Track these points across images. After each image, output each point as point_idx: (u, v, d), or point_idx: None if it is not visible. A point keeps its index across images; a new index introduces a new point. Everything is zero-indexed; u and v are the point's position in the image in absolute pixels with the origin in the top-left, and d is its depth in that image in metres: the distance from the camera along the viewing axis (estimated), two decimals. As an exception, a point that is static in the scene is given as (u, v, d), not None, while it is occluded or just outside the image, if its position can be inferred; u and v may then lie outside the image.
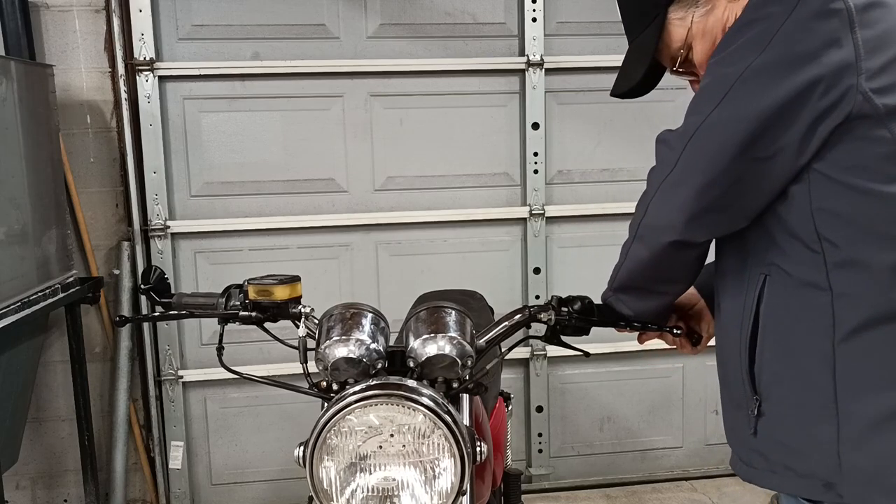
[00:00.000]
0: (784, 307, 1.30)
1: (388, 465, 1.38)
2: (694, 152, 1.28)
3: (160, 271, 1.73)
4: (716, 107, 1.25)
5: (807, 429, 1.28)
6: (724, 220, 1.32)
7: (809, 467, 1.28)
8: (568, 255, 3.65)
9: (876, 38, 1.21)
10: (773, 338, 1.32)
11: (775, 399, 1.32)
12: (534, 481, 3.75)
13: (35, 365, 3.27)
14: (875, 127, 1.21)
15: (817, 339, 1.27)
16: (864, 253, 1.24)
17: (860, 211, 1.23)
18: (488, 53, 3.51)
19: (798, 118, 1.21)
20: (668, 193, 1.32)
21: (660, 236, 1.35)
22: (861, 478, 1.24)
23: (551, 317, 1.61)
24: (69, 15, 3.30)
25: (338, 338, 1.46)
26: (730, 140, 1.24)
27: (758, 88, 1.22)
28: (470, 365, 1.47)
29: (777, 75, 1.21)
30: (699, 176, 1.28)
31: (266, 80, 3.40)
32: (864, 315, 1.23)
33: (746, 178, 1.26)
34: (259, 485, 3.62)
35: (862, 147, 1.22)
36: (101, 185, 3.41)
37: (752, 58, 1.23)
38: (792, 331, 1.30)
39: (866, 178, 1.22)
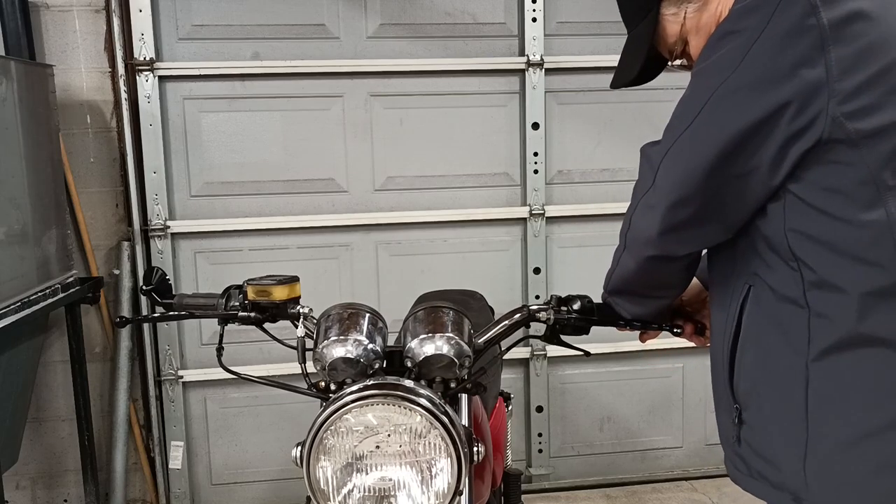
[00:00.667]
0: (765, 319, 1.31)
1: (385, 465, 1.38)
2: (669, 168, 1.28)
3: (162, 272, 1.73)
4: (689, 125, 1.25)
5: (779, 442, 1.29)
6: (701, 234, 1.32)
7: (781, 480, 1.29)
8: (568, 255, 3.65)
9: (853, 56, 1.17)
10: (753, 349, 1.33)
11: (753, 409, 1.33)
12: (534, 481, 3.75)
13: (35, 365, 3.27)
14: (847, 152, 1.18)
15: (793, 355, 1.26)
16: (836, 276, 1.22)
17: (833, 235, 1.21)
18: (488, 53, 3.51)
19: (770, 139, 1.20)
20: (645, 208, 1.32)
21: (641, 250, 1.37)
22: (824, 497, 1.25)
23: (550, 316, 1.61)
24: (69, 15, 3.30)
25: (335, 338, 1.46)
26: (703, 158, 1.23)
27: (731, 107, 1.21)
28: (468, 365, 1.47)
29: (749, 95, 1.19)
30: (674, 192, 1.27)
31: (266, 80, 3.40)
32: (837, 337, 1.22)
33: (722, 195, 1.26)
34: (259, 485, 3.62)
35: (835, 171, 1.19)
36: (101, 185, 3.42)
37: (727, 74, 1.22)
38: (770, 344, 1.30)
39: (839, 203, 1.20)
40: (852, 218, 1.20)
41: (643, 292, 1.49)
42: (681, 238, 1.32)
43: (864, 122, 1.17)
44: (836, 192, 1.20)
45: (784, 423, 1.28)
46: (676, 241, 1.32)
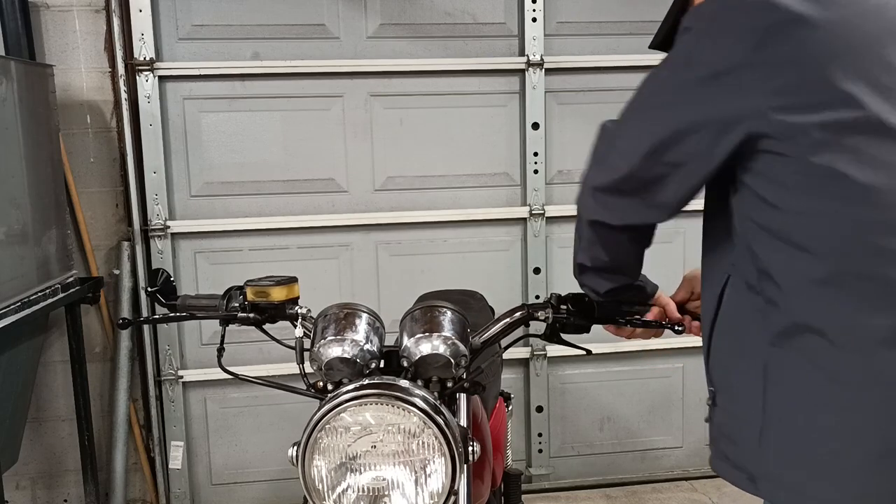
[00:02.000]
0: (735, 306, 1.37)
1: (380, 464, 1.38)
2: (617, 145, 1.39)
3: (167, 274, 1.75)
4: (636, 110, 1.39)
5: (741, 424, 1.36)
6: (630, 208, 1.41)
7: (740, 460, 1.36)
8: (568, 255, 3.59)
9: (788, 56, 1.21)
10: (725, 334, 1.40)
11: (723, 392, 1.41)
12: (534, 481, 3.75)
13: (35, 365, 3.28)
14: (780, 145, 1.23)
15: (754, 341, 1.33)
16: (777, 265, 1.28)
17: (773, 223, 1.27)
18: (488, 53, 3.51)
19: (704, 132, 1.27)
20: (590, 177, 1.46)
21: (583, 213, 1.49)
22: (777, 479, 1.30)
23: (549, 315, 1.61)
24: (69, 15, 3.30)
25: (332, 338, 1.46)
26: (643, 141, 1.34)
27: (672, 99, 1.32)
28: (464, 364, 1.47)
29: (689, 88, 1.29)
30: (616, 170, 1.38)
31: (266, 80, 3.40)
32: (783, 324, 1.28)
33: (653, 177, 1.35)
34: (259, 485, 3.62)
35: (773, 162, 1.25)
36: (101, 185, 3.42)
37: (672, 67, 1.33)
38: (738, 329, 1.37)
39: (778, 193, 1.26)
40: (788, 207, 1.25)
41: (603, 266, 1.53)
42: (608, 206, 1.43)
43: (794, 118, 1.21)
44: (774, 182, 1.26)
45: (745, 405, 1.35)
46: (606, 209, 1.43)
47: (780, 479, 1.30)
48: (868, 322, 1.21)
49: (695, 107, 1.28)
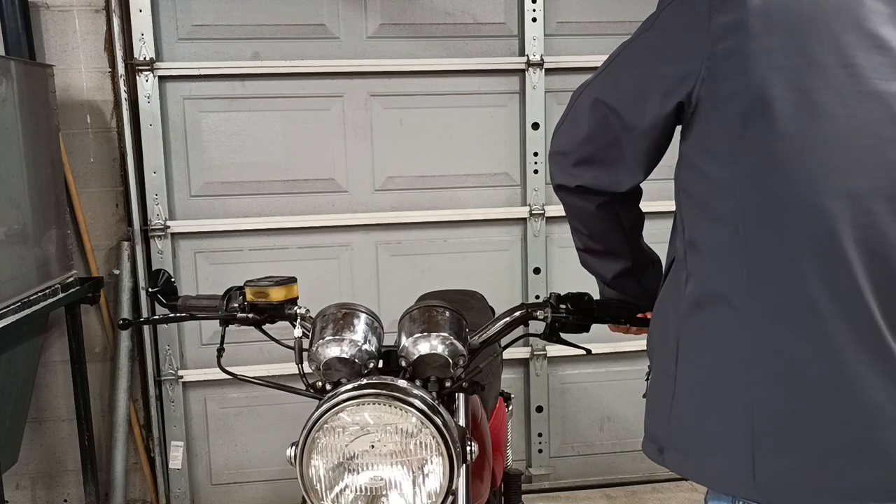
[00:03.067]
0: (667, 284, 1.42)
1: (377, 464, 1.38)
2: (577, 109, 1.44)
3: (167, 275, 1.75)
4: (600, 73, 1.41)
5: (656, 397, 1.39)
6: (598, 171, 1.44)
7: (654, 431, 1.39)
8: (568, 255, 3.63)
9: (730, 24, 1.23)
10: (657, 311, 1.45)
11: (653, 368, 1.44)
12: (534, 481, 3.75)
13: (35, 365, 3.28)
14: (712, 111, 1.26)
15: (672, 315, 1.36)
16: (699, 233, 1.32)
17: (699, 191, 1.31)
18: (488, 53, 3.51)
19: (652, 92, 1.32)
20: (552, 142, 1.52)
21: (552, 182, 1.54)
22: (678, 447, 1.31)
23: (548, 314, 1.61)
24: (69, 15, 3.30)
25: (330, 337, 1.46)
26: (603, 104, 1.38)
27: (629, 62, 1.37)
28: (463, 364, 1.47)
29: (640, 53, 1.35)
30: (577, 130, 1.44)
31: (266, 80, 3.40)
32: (699, 293, 1.30)
33: (615, 139, 1.39)
34: (259, 485, 3.62)
35: (704, 130, 1.28)
36: (101, 185, 3.42)
37: (640, 33, 1.37)
38: (663, 305, 1.41)
39: (706, 160, 1.29)
40: (711, 174, 1.28)
41: (592, 248, 1.59)
42: (564, 168, 1.48)
43: (725, 85, 1.24)
44: (704, 150, 1.29)
45: (662, 378, 1.37)
46: (563, 171, 1.49)
47: (683, 449, 1.31)
48: (764, 291, 1.23)
49: (649, 66, 1.33)
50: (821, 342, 1.20)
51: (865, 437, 1.19)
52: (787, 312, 1.21)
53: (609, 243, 1.56)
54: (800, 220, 1.21)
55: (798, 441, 1.20)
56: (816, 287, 1.20)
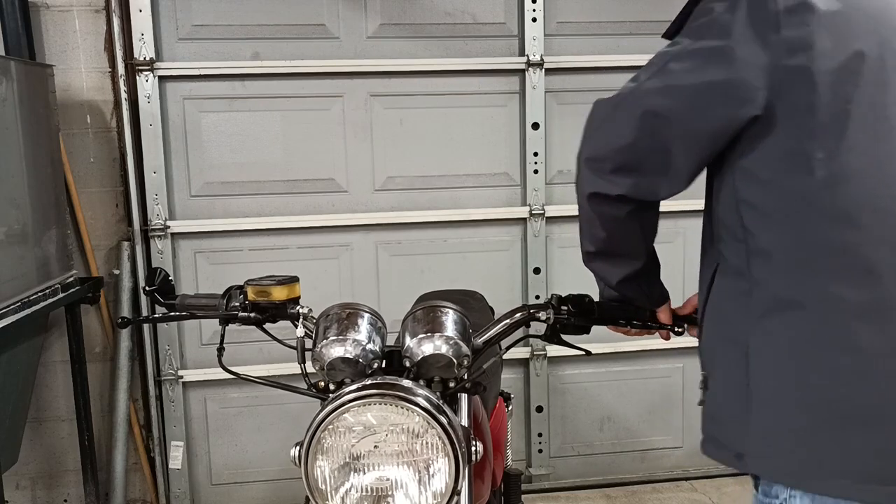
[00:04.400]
0: (720, 293, 1.44)
1: (383, 464, 1.38)
2: (621, 114, 1.38)
3: (165, 273, 1.74)
4: (649, 77, 1.35)
5: (727, 404, 1.41)
6: (639, 180, 1.39)
7: (727, 438, 1.40)
8: (568, 255, 3.64)
9: (797, 40, 1.28)
10: (712, 320, 1.46)
11: (712, 375, 1.46)
12: (534, 481, 3.75)
13: (35, 365, 3.27)
14: (784, 123, 1.29)
15: (738, 324, 1.38)
16: (770, 241, 1.34)
17: (771, 202, 1.33)
18: (488, 53, 3.52)
19: (716, 101, 1.31)
20: (585, 149, 1.46)
21: (584, 187, 1.47)
22: (763, 452, 1.34)
23: (550, 315, 1.61)
24: (69, 15, 3.30)
25: (334, 337, 1.46)
26: (655, 113, 1.33)
27: (687, 70, 1.32)
28: (466, 364, 1.47)
29: (703, 61, 1.31)
30: (617, 137, 1.38)
31: (266, 80, 3.40)
32: (771, 302, 1.34)
33: (660, 146, 1.35)
34: (259, 485, 3.62)
35: (774, 141, 1.31)
36: (101, 185, 3.42)
37: (691, 41, 1.34)
38: (723, 314, 1.43)
39: (777, 172, 1.31)
40: (783, 185, 1.31)
41: (605, 250, 1.54)
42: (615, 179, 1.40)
43: (797, 99, 1.28)
44: (775, 161, 1.31)
45: (731, 385, 1.39)
46: (602, 179, 1.42)
47: (765, 452, 1.34)
48: (844, 294, 1.29)
49: (707, 77, 1.30)
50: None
51: None
52: (867, 312, 1.28)
53: (626, 247, 1.54)
54: (878, 225, 1.28)
55: (880, 430, 1.28)
56: (893, 287, 1.28)
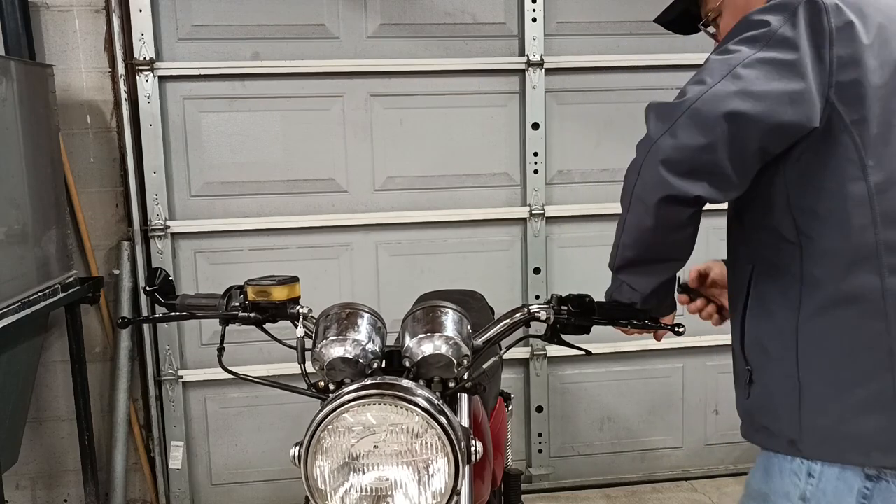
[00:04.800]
0: (765, 293, 1.51)
1: (382, 464, 1.38)
2: (695, 117, 1.37)
3: (165, 273, 1.74)
4: (719, 81, 1.37)
5: (778, 395, 1.50)
6: (712, 181, 1.40)
7: (779, 427, 1.50)
8: (568, 255, 3.65)
9: (848, 56, 1.39)
10: (758, 317, 1.53)
11: (759, 369, 1.54)
12: (534, 481, 3.75)
13: (35, 365, 3.27)
14: (840, 135, 1.40)
15: (786, 321, 1.48)
16: (828, 244, 1.43)
17: (829, 207, 1.43)
18: (488, 53, 3.51)
19: (790, 113, 1.37)
20: (661, 151, 1.40)
21: (655, 192, 1.41)
22: (816, 437, 1.45)
23: (550, 315, 1.60)
24: (69, 15, 3.30)
25: (334, 338, 1.46)
26: (741, 114, 1.35)
27: (762, 76, 1.37)
28: (466, 364, 1.47)
29: (774, 70, 1.37)
30: (693, 139, 1.37)
31: (266, 80, 3.40)
32: (822, 301, 1.44)
33: (737, 148, 1.38)
34: (259, 485, 3.62)
35: (832, 151, 1.41)
36: (101, 185, 3.42)
37: (755, 50, 1.39)
38: (769, 313, 1.51)
39: (834, 178, 1.42)
40: (843, 191, 1.42)
41: (651, 257, 1.51)
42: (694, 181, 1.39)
43: (852, 112, 1.40)
44: (832, 169, 1.42)
45: (780, 378, 1.49)
46: (672, 179, 1.39)
47: (820, 434, 1.45)
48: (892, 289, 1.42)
49: (777, 87, 1.36)
50: None
51: None
52: None
53: (674, 252, 1.51)
54: None
55: None
56: None
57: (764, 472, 1.54)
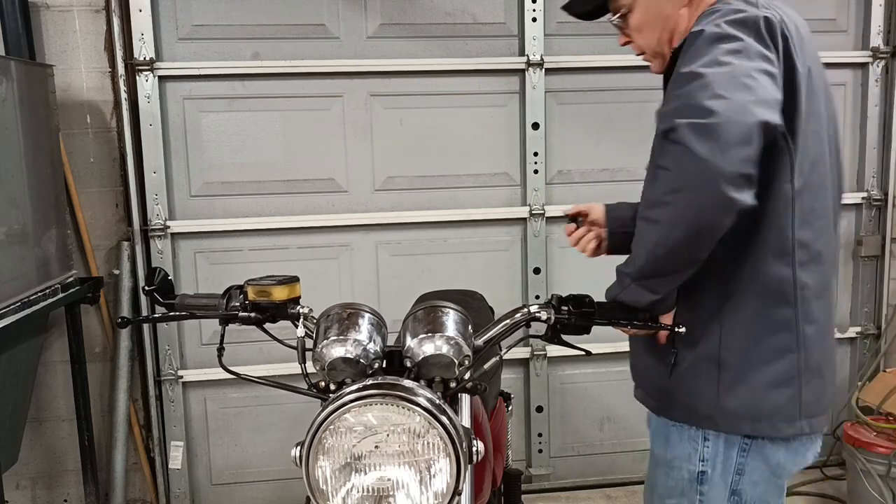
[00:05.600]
0: (698, 280, 1.61)
1: (384, 464, 1.38)
2: (735, 131, 1.39)
3: (164, 273, 1.73)
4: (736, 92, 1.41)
5: (699, 375, 1.67)
6: (753, 186, 1.45)
7: (697, 404, 1.67)
8: (568, 255, 3.64)
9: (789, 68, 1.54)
10: (686, 303, 1.66)
11: (683, 351, 1.68)
12: (534, 481, 3.75)
13: (35, 365, 3.28)
14: (780, 139, 1.54)
15: (713, 307, 1.64)
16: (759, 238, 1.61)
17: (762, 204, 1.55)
18: (488, 53, 3.52)
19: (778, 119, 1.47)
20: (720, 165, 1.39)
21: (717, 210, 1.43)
22: (731, 413, 1.65)
23: (551, 316, 1.60)
24: (69, 15, 3.30)
25: (335, 338, 1.46)
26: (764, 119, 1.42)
27: (765, 85, 1.46)
28: (467, 364, 1.47)
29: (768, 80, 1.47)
30: (747, 150, 1.40)
31: (266, 80, 3.40)
32: (746, 289, 1.61)
33: (774, 158, 1.56)
34: (259, 485, 3.62)
35: (773, 153, 1.55)
36: (101, 185, 3.42)
37: (748, 62, 1.46)
38: (699, 299, 1.65)
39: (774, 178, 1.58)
40: (777, 191, 1.59)
41: (685, 265, 1.54)
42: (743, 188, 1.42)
43: (788, 119, 1.52)
44: (772, 170, 1.57)
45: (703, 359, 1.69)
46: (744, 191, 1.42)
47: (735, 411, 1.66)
48: (806, 281, 1.62)
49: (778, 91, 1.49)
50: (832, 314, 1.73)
51: None
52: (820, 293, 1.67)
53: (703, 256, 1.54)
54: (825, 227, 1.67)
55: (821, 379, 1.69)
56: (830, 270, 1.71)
57: (664, 440, 1.75)
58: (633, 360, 1.86)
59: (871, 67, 3.75)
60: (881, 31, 3.72)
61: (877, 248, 3.87)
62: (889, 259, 3.87)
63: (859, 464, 3.30)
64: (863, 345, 3.96)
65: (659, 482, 1.78)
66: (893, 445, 3.24)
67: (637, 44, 1.80)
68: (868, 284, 3.91)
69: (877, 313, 3.93)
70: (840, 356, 3.99)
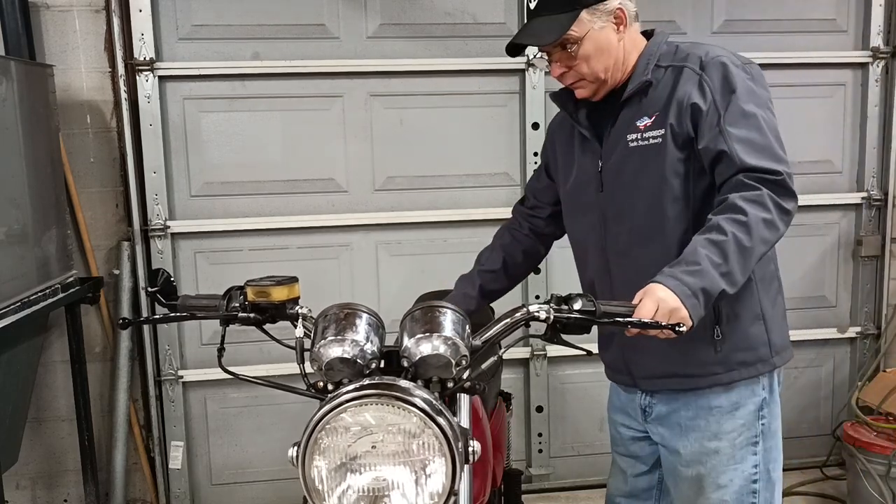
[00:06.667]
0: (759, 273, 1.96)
1: (379, 464, 1.38)
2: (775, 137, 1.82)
3: (167, 274, 1.74)
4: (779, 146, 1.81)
5: (751, 331, 1.94)
6: None
7: (757, 355, 1.94)
8: (568, 255, 3.62)
9: None
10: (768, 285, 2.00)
11: (728, 322, 1.91)
12: (534, 481, 3.75)
13: (35, 365, 3.28)
14: None
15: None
16: None
17: None
18: (488, 53, 3.51)
19: None
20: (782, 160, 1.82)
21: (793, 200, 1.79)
22: (778, 349, 1.97)
23: (550, 315, 1.60)
24: (69, 15, 3.30)
25: (332, 338, 1.46)
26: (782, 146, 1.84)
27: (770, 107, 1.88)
28: (465, 364, 1.47)
29: None
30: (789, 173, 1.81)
31: (266, 80, 3.40)
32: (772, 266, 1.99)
33: None
34: (259, 485, 3.62)
35: None
36: (101, 185, 3.42)
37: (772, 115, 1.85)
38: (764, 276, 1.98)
39: None
40: None
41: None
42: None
43: None
44: None
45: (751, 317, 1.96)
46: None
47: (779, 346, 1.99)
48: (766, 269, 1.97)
49: None
50: None
51: None
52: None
53: None
54: None
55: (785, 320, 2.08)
56: None
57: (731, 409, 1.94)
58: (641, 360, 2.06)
59: (871, 67, 3.74)
60: (881, 31, 3.72)
61: (877, 248, 3.87)
62: (889, 259, 3.87)
63: (859, 464, 3.30)
64: (863, 345, 3.96)
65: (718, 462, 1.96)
66: (893, 445, 3.24)
67: (579, 72, 1.90)
68: (868, 284, 3.91)
69: (877, 313, 3.93)
70: (840, 356, 3.99)
